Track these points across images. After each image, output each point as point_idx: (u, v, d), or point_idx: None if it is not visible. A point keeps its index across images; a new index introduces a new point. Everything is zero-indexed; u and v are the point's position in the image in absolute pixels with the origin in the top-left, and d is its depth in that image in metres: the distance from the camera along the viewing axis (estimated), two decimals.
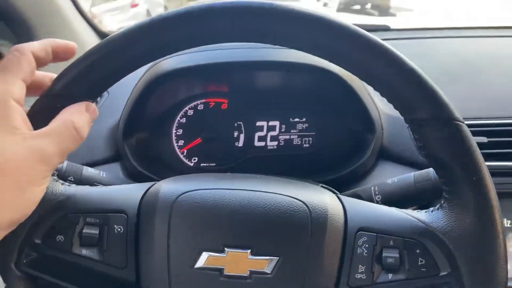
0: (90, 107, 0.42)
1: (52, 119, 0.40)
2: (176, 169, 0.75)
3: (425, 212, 0.44)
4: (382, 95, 0.41)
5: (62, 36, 0.88)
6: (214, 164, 0.77)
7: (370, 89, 0.71)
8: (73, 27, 0.90)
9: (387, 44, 0.39)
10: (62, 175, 0.56)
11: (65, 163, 0.57)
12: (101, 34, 1.01)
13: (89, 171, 0.58)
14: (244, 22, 0.38)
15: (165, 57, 0.72)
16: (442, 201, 0.42)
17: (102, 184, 0.58)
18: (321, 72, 0.68)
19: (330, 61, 0.41)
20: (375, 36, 0.39)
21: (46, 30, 0.83)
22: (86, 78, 0.40)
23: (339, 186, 0.64)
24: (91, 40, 0.96)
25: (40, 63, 0.41)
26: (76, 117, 0.40)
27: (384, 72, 0.39)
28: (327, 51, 0.39)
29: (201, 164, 0.77)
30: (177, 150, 0.76)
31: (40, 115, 0.40)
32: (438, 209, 0.43)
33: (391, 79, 0.39)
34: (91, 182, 0.57)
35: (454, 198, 0.41)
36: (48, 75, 0.43)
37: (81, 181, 0.56)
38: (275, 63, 0.70)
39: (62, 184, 0.45)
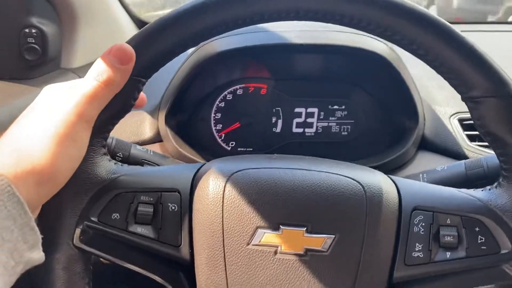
0: (115, 50, 0.40)
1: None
2: (214, 153, 0.75)
3: (482, 190, 0.43)
4: (438, 71, 0.40)
5: (103, 20, 0.89)
6: (251, 149, 0.77)
7: (415, 78, 0.71)
8: (113, 13, 0.91)
9: (444, 21, 0.39)
10: (111, 152, 0.56)
11: (114, 140, 0.57)
12: (136, 21, 1.01)
13: (137, 148, 0.58)
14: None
15: (206, 42, 0.72)
16: (501, 179, 0.42)
17: (149, 162, 0.58)
18: (367, 55, 0.67)
19: (384, 35, 0.40)
20: (431, 13, 0.39)
21: (88, 14, 0.84)
22: (136, 58, 0.40)
23: None
24: (129, 27, 0.97)
25: None
26: (93, 68, 0.40)
27: (443, 48, 0.38)
28: (382, 27, 0.39)
29: (238, 149, 0.77)
30: (215, 134, 0.77)
31: None
32: (496, 187, 0.43)
33: (450, 55, 0.38)
34: (139, 159, 0.57)
35: None
36: None
37: (129, 158, 0.57)
38: (319, 46, 0.69)
39: (115, 163, 0.45)
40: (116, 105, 0.41)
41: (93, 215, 0.42)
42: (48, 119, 0.38)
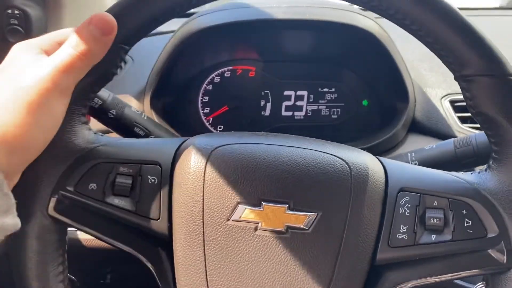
0: (96, 19, 0.38)
1: None
2: None
3: (472, 173, 0.42)
4: (431, 48, 0.39)
5: (88, 5, 0.87)
6: None
7: (405, 61, 0.70)
8: None
9: None
10: (105, 106, 0.54)
11: (111, 97, 0.55)
12: None
13: (132, 109, 0.56)
14: None
15: (190, 18, 0.71)
16: (491, 162, 0.41)
17: (140, 125, 0.56)
18: (356, 32, 0.65)
19: (378, 9, 0.39)
20: None
21: None
22: (119, 24, 0.39)
23: None
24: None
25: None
26: (72, 38, 0.39)
27: (437, 24, 0.37)
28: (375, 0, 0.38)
29: None
30: (203, 117, 0.75)
31: None
32: (486, 170, 0.41)
33: (444, 31, 0.37)
34: (130, 121, 0.56)
35: (504, 157, 0.39)
36: None
37: (121, 117, 0.55)
38: (307, 21, 0.67)
39: (95, 133, 0.44)
40: (96, 73, 0.40)
41: (70, 185, 0.41)
42: (20, 85, 0.37)
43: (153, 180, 0.42)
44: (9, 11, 0.74)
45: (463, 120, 0.69)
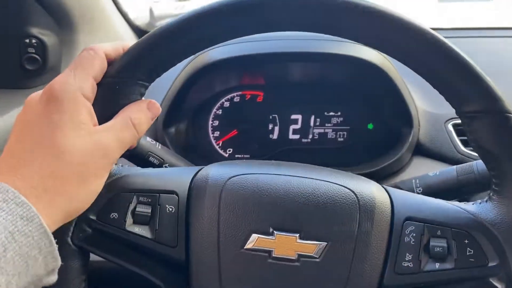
0: (151, 105, 0.44)
1: (111, 103, 0.42)
2: (212, 159, 0.76)
3: (473, 204, 0.44)
4: (433, 85, 0.41)
5: (102, 29, 0.90)
6: (249, 156, 0.78)
7: (408, 83, 0.72)
8: (112, 21, 0.93)
9: (440, 35, 0.39)
10: None
11: None
12: (135, 29, 1.03)
13: (147, 139, 0.59)
14: (305, 12, 0.39)
15: (203, 51, 0.74)
16: (491, 193, 0.43)
17: (155, 155, 0.58)
18: (360, 64, 0.68)
19: (380, 49, 0.41)
20: (428, 27, 0.39)
21: (87, 23, 0.85)
22: (139, 61, 0.41)
23: (374, 180, 0.64)
24: (128, 35, 0.99)
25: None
26: (135, 114, 0.42)
27: (437, 63, 0.39)
28: (378, 40, 0.40)
29: (236, 155, 0.78)
30: (213, 141, 0.78)
31: (100, 101, 0.41)
32: (486, 201, 0.43)
33: (444, 70, 0.39)
34: (145, 151, 0.58)
35: (503, 191, 0.41)
36: None
37: (137, 147, 0.57)
38: (313, 54, 0.70)
39: (116, 164, 0.46)
40: None
41: (92, 214, 0.43)
42: (79, 163, 0.38)
43: (170, 209, 0.44)
44: (27, 40, 0.77)
45: (466, 143, 0.71)
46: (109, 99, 0.42)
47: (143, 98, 0.45)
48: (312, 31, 0.41)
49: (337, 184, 0.44)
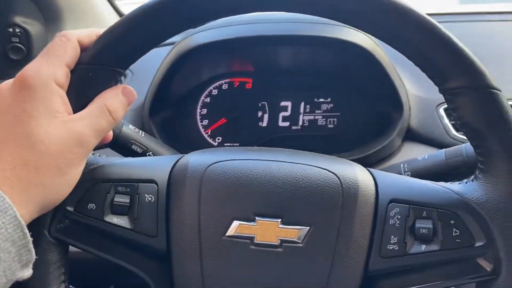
0: (126, 91, 0.43)
1: (85, 90, 0.41)
2: (200, 148, 0.75)
3: (459, 183, 0.43)
4: (416, 63, 0.40)
5: (88, 17, 0.89)
6: (238, 144, 0.77)
7: (398, 68, 0.71)
8: (98, 9, 0.91)
9: (422, 11, 0.38)
10: None
11: None
12: (123, 15, 1.01)
13: (129, 127, 0.58)
14: None
15: (188, 34, 0.72)
16: (477, 172, 0.42)
17: (137, 143, 0.57)
18: (349, 47, 0.67)
19: (362, 28, 0.40)
20: (408, 4, 0.38)
21: (72, 11, 0.84)
22: (113, 47, 0.40)
23: (364, 166, 0.63)
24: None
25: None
26: (110, 101, 0.41)
27: (419, 39, 0.38)
28: (362, 18, 0.39)
29: (225, 144, 0.77)
30: (202, 130, 0.77)
31: (74, 89, 0.40)
32: (472, 180, 0.42)
33: (426, 46, 0.38)
34: (128, 139, 0.57)
35: (489, 168, 0.40)
36: None
37: (118, 136, 0.56)
38: (302, 37, 0.69)
39: (93, 154, 0.45)
40: None
41: (69, 205, 0.42)
42: (55, 153, 0.37)
43: (150, 198, 0.43)
44: (10, 29, 0.76)
45: (458, 128, 0.70)
46: (83, 87, 0.41)
47: (121, 84, 0.44)
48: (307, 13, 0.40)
49: (319, 167, 0.43)
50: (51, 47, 0.40)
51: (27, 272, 0.37)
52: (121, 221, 0.43)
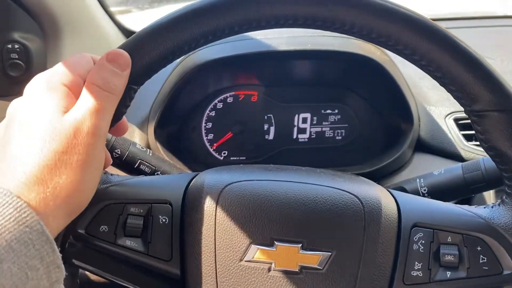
0: (111, 56, 0.38)
1: None
2: (206, 163, 0.74)
3: (485, 207, 0.42)
4: (441, 84, 0.39)
5: (88, 32, 0.87)
6: (244, 158, 0.75)
7: (407, 77, 0.70)
8: (99, 24, 0.89)
9: (449, 31, 0.37)
10: (109, 147, 0.54)
11: (114, 137, 0.54)
12: (124, 31, 0.99)
13: (136, 147, 0.56)
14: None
15: (194, 51, 0.71)
16: (504, 196, 0.41)
17: (145, 162, 0.56)
18: (358, 60, 0.66)
19: (387, 48, 0.38)
20: (436, 23, 0.37)
21: (73, 27, 0.82)
22: (133, 62, 0.38)
23: (374, 179, 0.62)
24: (116, 38, 0.95)
25: None
26: (97, 76, 0.37)
27: (445, 59, 0.36)
28: (386, 38, 0.37)
29: (231, 158, 0.75)
30: (207, 144, 0.75)
31: None
32: (499, 204, 0.41)
33: (452, 66, 0.37)
34: (135, 159, 0.55)
35: None
36: None
37: (127, 156, 0.54)
38: (308, 52, 0.68)
39: (105, 173, 0.44)
40: None
41: (80, 227, 0.41)
42: (68, 146, 0.35)
43: (164, 220, 0.42)
44: (9, 45, 0.74)
45: (468, 137, 0.69)
46: None
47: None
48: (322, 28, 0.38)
49: (340, 189, 0.42)
50: (64, 60, 0.39)
51: None
52: (134, 244, 0.41)
